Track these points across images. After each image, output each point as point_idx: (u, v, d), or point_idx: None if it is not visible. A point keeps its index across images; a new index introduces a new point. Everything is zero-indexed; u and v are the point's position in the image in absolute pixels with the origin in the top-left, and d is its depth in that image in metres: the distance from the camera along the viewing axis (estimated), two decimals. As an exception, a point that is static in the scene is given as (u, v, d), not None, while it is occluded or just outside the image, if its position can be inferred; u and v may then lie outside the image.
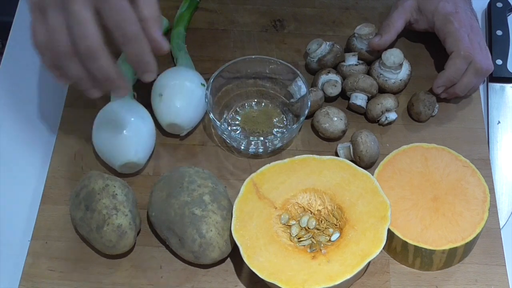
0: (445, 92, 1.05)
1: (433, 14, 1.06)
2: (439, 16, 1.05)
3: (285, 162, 0.95)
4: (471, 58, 1.02)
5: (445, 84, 1.04)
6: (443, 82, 1.04)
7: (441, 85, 1.04)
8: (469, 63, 1.02)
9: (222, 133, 1.00)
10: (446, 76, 1.03)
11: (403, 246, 0.91)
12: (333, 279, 0.85)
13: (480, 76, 1.04)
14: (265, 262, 0.87)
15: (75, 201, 0.91)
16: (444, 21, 1.05)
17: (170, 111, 0.99)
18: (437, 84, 1.04)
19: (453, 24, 1.04)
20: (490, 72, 1.05)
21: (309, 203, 0.93)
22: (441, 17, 1.05)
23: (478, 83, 1.05)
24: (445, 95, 1.06)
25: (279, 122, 1.04)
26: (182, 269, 0.92)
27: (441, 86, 1.04)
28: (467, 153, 1.00)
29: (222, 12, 1.16)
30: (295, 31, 1.14)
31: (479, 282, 0.92)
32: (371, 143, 0.98)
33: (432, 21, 1.06)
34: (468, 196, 0.94)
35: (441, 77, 1.04)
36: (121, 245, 0.89)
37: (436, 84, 1.04)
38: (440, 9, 1.05)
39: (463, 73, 1.03)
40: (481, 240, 0.95)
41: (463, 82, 1.03)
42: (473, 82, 1.04)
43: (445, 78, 1.03)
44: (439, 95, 1.06)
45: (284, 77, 1.04)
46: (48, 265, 0.92)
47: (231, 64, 1.02)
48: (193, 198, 0.90)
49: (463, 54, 1.02)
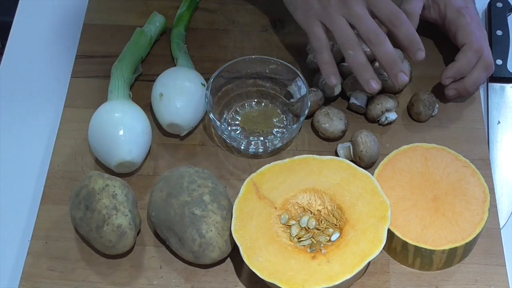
0: (454, 89, 1.05)
1: (446, 5, 1.07)
2: (452, 8, 1.06)
3: (285, 162, 0.95)
4: (481, 53, 1.03)
5: (454, 75, 1.04)
6: (453, 73, 1.04)
7: (450, 76, 1.04)
8: (479, 57, 1.03)
9: (222, 133, 1.00)
10: (457, 67, 1.03)
11: (403, 246, 0.91)
12: (333, 279, 0.85)
13: (487, 72, 1.04)
14: (265, 262, 0.87)
15: (75, 201, 0.91)
16: (456, 14, 1.06)
17: (170, 111, 0.99)
18: (446, 75, 1.04)
19: (465, 17, 1.05)
20: (492, 71, 1.05)
21: (309, 203, 0.93)
22: (454, 10, 1.06)
23: (484, 80, 1.06)
24: (454, 92, 1.05)
25: (279, 122, 1.04)
26: (182, 269, 0.92)
27: (450, 77, 1.04)
28: (467, 153, 1.00)
29: (222, 12, 1.16)
30: (295, 31, 1.14)
31: (479, 282, 0.92)
32: (371, 143, 0.98)
33: (444, 12, 1.07)
34: (468, 196, 0.94)
35: (451, 68, 1.04)
36: (121, 245, 0.89)
37: (445, 74, 1.04)
38: (452, 2, 1.06)
39: (472, 66, 1.03)
40: (481, 240, 0.95)
41: (473, 76, 1.03)
42: (482, 77, 1.04)
43: (455, 69, 1.03)
44: (447, 92, 1.05)
45: (284, 77, 1.04)
46: (48, 265, 0.92)
47: (231, 64, 1.02)
48: (193, 198, 0.90)
49: (475, 47, 1.03)
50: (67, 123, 1.03)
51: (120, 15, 1.14)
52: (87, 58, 1.10)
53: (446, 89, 1.05)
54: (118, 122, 0.97)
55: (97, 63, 1.09)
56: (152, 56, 1.10)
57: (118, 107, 0.98)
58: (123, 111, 0.98)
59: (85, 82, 1.07)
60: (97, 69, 1.08)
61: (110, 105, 0.99)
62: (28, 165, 1.02)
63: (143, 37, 1.08)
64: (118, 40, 1.10)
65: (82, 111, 1.04)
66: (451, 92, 1.05)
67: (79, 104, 1.05)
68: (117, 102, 0.99)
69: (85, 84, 1.07)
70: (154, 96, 1.01)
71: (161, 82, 1.02)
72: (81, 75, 1.08)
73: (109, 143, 0.96)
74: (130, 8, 1.15)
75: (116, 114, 0.97)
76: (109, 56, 1.08)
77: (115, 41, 1.11)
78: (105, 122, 0.97)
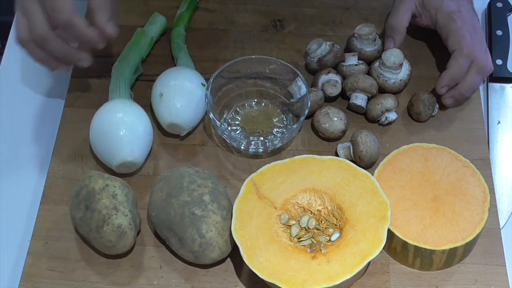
0: (450, 97, 1.04)
1: (437, 11, 1.06)
2: (443, 13, 1.05)
3: (285, 162, 0.95)
4: (473, 57, 1.02)
5: (448, 83, 1.04)
6: (447, 81, 1.03)
7: (445, 84, 1.04)
8: (471, 61, 1.02)
9: (222, 133, 1.00)
10: (450, 75, 1.03)
11: (403, 246, 0.91)
12: (333, 279, 0.85)
13: (482, 75, 1.04)
14: (265, 262, 0.87)
15: (75, 201, 0.91)
16: (447, 19, 1.05)
17: (170, 111, 0.99)
18: (441, 84, 1.04)
19: (456, 22, 1.04)
20: (491, 72, 1.05)
21: (309, 203, 0.93)
22: (445, 15, 1.05)
23: (480, 83, 1.05)
24: (451, 100, 1.05)
25: (279, 122, 1.04)
26: (182, 269, 0.92)
27: (444, 86, 1.04)
28: (467, 153, 1.00)
29: (222, 12, 1.16)
30: (295, 31, 1.14)
31: (479, 282, 0.92)
32: (371, 143, 0.98)
33: (435, 18, 1.06)
34: (468, 196, 0.94)
35: (444, 77, 1.03)
36: (121, 245, 0.89)
37: (439, 84, 1.04)
38: (444, 7, 1.05)
39: (465, 71, 1.03)
40: (481, 240, 0.95)
41: (467, 81, 1.03)
42: (476, 81, 1.03)
43: (449, 77, 1.03)
44: (445, 102, 1.05)
45: (284, 77, 1.04)
46: (48, 265, 0.92)
47: (231, 64, 1.02)
48: (193, 198, 0.90)
49: (465, 52, 1.02)
50: (67, 123, 1.03)
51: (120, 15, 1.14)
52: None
53: (442, 98, 1.05)
54: (120, 122, 0.96)
55: (97, 63, 1.09)
56: (152, 56, 1.10)
57: (119, 107, 0.98)
58: (125, 111, 0.98)
59: (85, 82, 1.07)
60: (97, 69, 1.08)
61: (111, 105, 0.99)
62: (28, 165, 1.02)
63: (144, 37, 1.08)
64: (118, 40, 1.10)
65: (82, 111, 1.04)
66: (448, 101, 1.05)
67: (79, 104, 1.05)
68: (119, 102, 0.99)
69: (85, 84, 1.07)
70: (154, 96, 1.01)
71: (161, 82, 1.02)
72: (81, 75, 1.08)
73: (111, 143, 0.96)
74: (130, 8, 1.15)
75: (118, 114, 0.97)
76: (109, 56, 1.08)
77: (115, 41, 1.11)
78: (107, 122, 0.97)
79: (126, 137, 0.96)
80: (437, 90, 1.04)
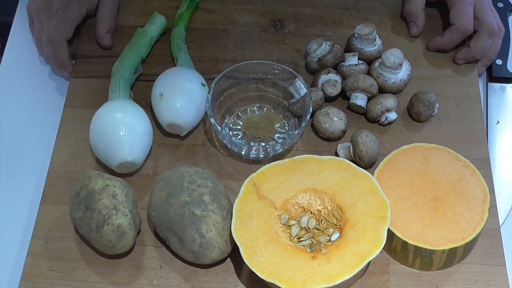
0: (463, 59, 1.10)
1: None
2: None
3: (285, 162, 0.95)
4: (468, 33, 1.07)
5: (436, 48, 1.11)
6: (435, 47, 1.10)
7: (432, 47, 1.11)
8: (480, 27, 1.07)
9: (223, 138, 1.00)
10: (440, 43, 1.10)
11: (403, 246, 0.91)
12: (333, 279, 0.85)
13: (491, 37, 1.08)
14: (265, 262, 0.87)
15: (75, 201, 0.91)
16: None
17: (170, 111, 0.99)
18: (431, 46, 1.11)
19: None
20: (503, 32, 1.09)
21: (309, 203, 0.93)
22: None
23: (490, 44, 1.09)
24: (463, 61, 1.10)
25: (281, 128, 1.04)
26: (182, 269, 0.92)
27: (432, 48, 1.11)
28: (467, 153, 1.00)
29: (222, 12, 1.16)
30: (295, 31, 1.14)
31: (479, 282, 0.92)
32: (371, 143, 0.98)
33: None
34: (468, 196, 0.94)
35: (434, 41, 1.11)
36: (121, 245, 0.89)
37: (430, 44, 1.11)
38: None
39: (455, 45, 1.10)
40: (481, 240, 0.95)
41: (478, 46, 1.08)
42: (487, 44, 1.08)
43: (439, 44, 1.10)
44: (458, 62, 1.10)
45: (286, 82, 1.03)
46: (48, 265, 0.92)
47: (233, 68, 1.02)
48: (193, 198, 0.90)
49: (461, 29, 1.07)
50: (67, 123, 1.03)
51: (120, 15, 1.14)
52: (87, 58, 1.10)
53: (455, 58, 1.10)
54: (120, 122, 0.96)
55: (97, 63, 1.09)
56: (152, 56, 1.10)
57: (119, 107, 0.98)
58: (125, 111, 0.98)
59: (85, 82, 1.07)
60: (97, 69, 1.08)
61: (111, 105, 0.99)
62: (28, 165, 1.02)
63: (144, 38, 1.08)
64: (119, 40, 1.10)
65: (82, 111, 1.04)
66: (460, 62, 1.10)
67: (79, 104, 1.05)
68: (119, 102, 0.99)
69: (85, 84, 1.07)
70: (154, 96, 1.01)
71: (161, 82, 1.02)
72: (81, 75, 1.08)
73: (111, 143, 0.96)
74: (130, 8, 1.15)
75: (117, 114, 0.97)
76: (109, 56, 1.08)
77: (115, 41, 1.11)
78: (107, 122, 0.97)
79: (126, 137, 0.96)
80: (428, 47, 1.12)
